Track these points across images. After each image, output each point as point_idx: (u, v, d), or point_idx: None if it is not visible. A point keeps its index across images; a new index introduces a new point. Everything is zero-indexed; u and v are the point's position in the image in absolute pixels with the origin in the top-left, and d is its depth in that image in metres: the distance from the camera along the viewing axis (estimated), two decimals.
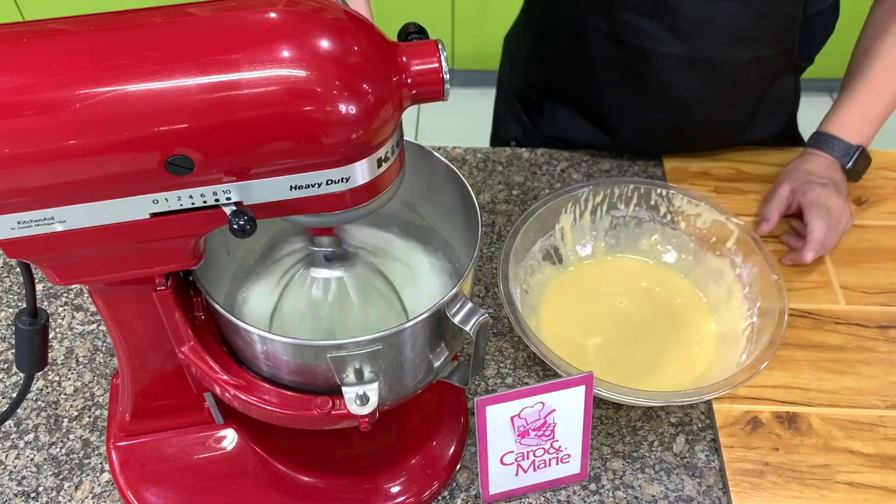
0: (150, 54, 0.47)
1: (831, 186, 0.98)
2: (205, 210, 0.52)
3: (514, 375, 0.89)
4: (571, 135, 1.16)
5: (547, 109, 1.19)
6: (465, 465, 0.81)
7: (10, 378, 0.88)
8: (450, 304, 0.61)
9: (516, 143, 1.25)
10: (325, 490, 0.78)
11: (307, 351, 0.60)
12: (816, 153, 1.03)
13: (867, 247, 1.02)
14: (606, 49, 1.03)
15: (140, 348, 0.68)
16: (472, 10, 2.46)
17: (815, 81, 1.63)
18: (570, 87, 1.14)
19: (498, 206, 1.07)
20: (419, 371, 0.66)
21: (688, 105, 1.05)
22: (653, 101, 1.06)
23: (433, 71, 0.52)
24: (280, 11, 0.48)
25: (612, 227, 0.99)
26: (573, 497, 0.79)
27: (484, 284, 0.98)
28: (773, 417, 0.85)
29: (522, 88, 1.24)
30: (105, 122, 0.46)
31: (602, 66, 1.05)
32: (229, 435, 0.78)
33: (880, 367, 0.90)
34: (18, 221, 0.50)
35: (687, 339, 0.91)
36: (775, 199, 1.02)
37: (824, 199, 0.97)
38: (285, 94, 0.47)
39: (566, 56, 1.10)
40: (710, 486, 0.80)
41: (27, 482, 0.79)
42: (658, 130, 1.09)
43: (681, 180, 1.10)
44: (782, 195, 1.01)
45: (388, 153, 0.53)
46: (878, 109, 1.01)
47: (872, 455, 0.82)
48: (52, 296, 0.96)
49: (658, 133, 1.10)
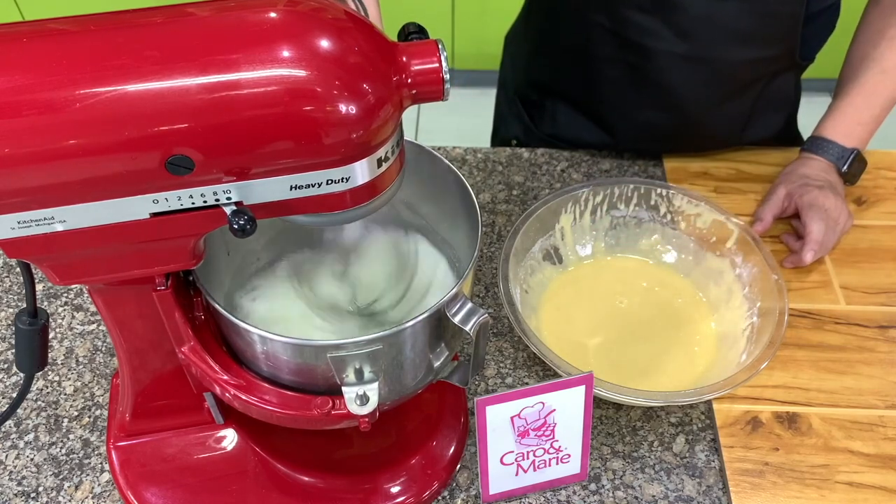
0: (150, 54, 0.47)
1: (828, 188, 0.99)
2: (205, 210, 0.52)
3: (514, 375, 0.89)
4: (572, 134, 1.16)
5: (548, 108, 1.19)
6: (465, 465, 0.81)
7: (10, 378, 0.88)
8: (450, 304, 0.61)
9: (517, 143, 1.25)
10: (325, 490, 0.78)
11: (307, 351, 0.60)
12: (812, 157, 1.04)
13: (867, 247, 1.02)
14: (608, 46, 1.03)
15: (140, 348, 0.68)
16: (472, 10, 2.46)
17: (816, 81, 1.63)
18: (571, 85, 1.14)
19: (498, 206, 1.07)
20: (419, 371, 0.66)
21: (688, 103, 1.05)
22: (654, 100, 1.06)
23: (433, 71, 0.52)
24: (280, 11, 0.48)
25: (612, 227, 0.99)
26: (573, 497, 0.79)
27: (484, 284, 0.98)
28: (773, 417, 0.85)
29: (523, 87, 1.24)
30: (105, 122, 0.46)
31: (603, 63, 1.05)
32: (229, 435, 0.78)
33: (880, 367, 0.90)
34: (18, 221, 0.50)
35: (687, 339, 0.91)
36: (771, 200, 1.02)
37: (821, 200, 0.97)
38: (285, 94, 0.47)
39: (567, 54, 1.10)
40: (710, 486, 0.80)
41: (27, 482, 0.79)
42: (658, 129, 1.09)
43: (681, 180, 1.10)
44: (778, 197, 1.01)
45: (388, 153, 0.53)
46: (872, 113, 1.01)
47: (872, 455, 0.82)
48: (52, 296, 0.96)
49: (659, 132, 1.10)
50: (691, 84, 1.03)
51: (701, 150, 1.14)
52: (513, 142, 1.26)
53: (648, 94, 1.05)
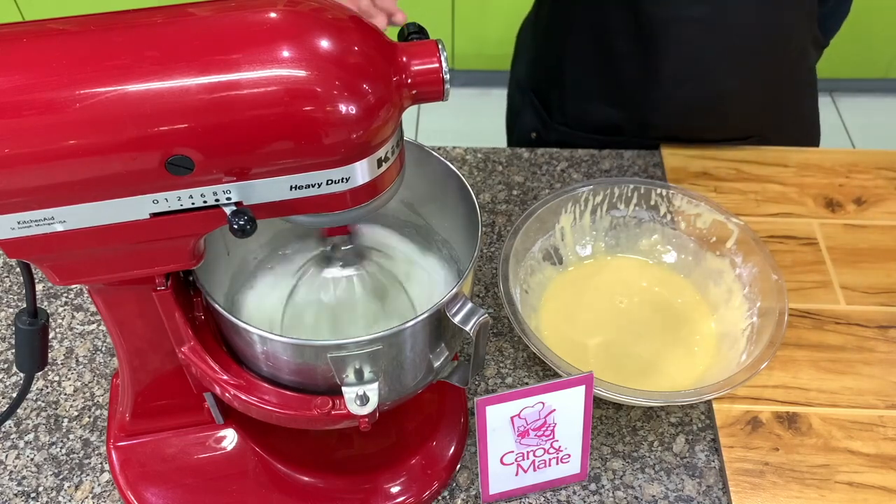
0: (150, 54, 0.47)
1: None
2: (205, 210, 0.52)
3: (514, 375, 0.89)
4: (588, 118, 1.15)
5: (563, 95, 1.17)
6: (465, 465, 0.81)
7: (10, 378, 0.88)
8: (450, 304, 0.61)
9: (537, 135, 1.24)
10: (325, 490, 0.78)
11: (307, 351, 0.60)
12: None
13: (867, 247, 1.02)
14: (622, 19, 1.02)
15: (140, 348, 0.68)
16: (472, 10, 2.46)
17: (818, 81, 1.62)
18: (586, 64, 1.12)
19: (498, 206, 1.07)
20: (419, 371, 0.66)
21: (708, 75, 1.03)
22: (672, 73, 1.04)
23: (433, 71, 0.52)
24: (280, 11, 0.48)
25: (612, 227, 0.99)
26: (573, 497, 0.79)
27: (484, 284, 0.98)
28: (773, 417, 0.85)
29: (537, 78, 1.23)
30: (105, 122, 0.46)
31: (618, 36, 1.04)
32: (229, 435, 0.78)
33: (880, 367, 0.90)
34: (18, 221, 0.50)
35: (687, 339, 0.91)
36: None
37: None
38: (285, 94, 0.47)
39: (581, 34, 1.08)
40: (710, 486, 0.80)
41: (27, 482, 0.79)
42: (676, 107, 1.08)
43: (681, 180, 1.10)
44: None
45: (388, 153, 0.53)
46: None
47: (872, 455, 0.82)
48: (52, 296, 0.96)
49: (677, 110, 1.09)
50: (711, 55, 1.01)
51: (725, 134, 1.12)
52: (532, 134, 1.25)
53: (667, 67, 1.04)
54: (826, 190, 1.09)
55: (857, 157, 1.14)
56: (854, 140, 2.52)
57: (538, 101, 1.23)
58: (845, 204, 1.07)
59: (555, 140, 1.20)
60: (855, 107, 2.62)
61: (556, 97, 1.19)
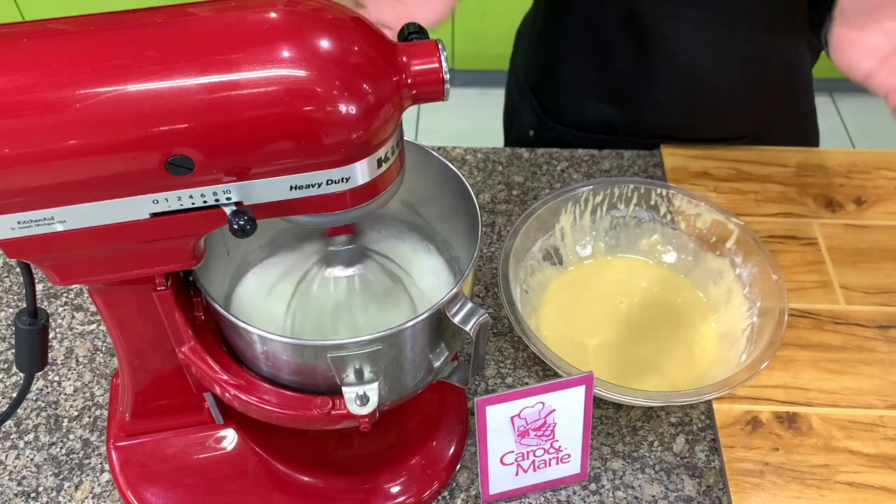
0: (150, 54, 0.47)
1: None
2: (205, 210, 0.52)
3: (514, 375, 0.89)
4: (583, 116, 1.15)
5: (559, 93, 1.18)
6: (465, 465, 0.81)
7: (10, 378, 0.88)
8: (450, 304, 0.61)
9: (535, 133, 1.25)
10: (325, 490, 0.78)
11: (307, 351, 0.60)
12: None
13: (867, 247, 1.02)
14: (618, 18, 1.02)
15: (140, 348, 0.68)
16: (472, 10, 2.46)
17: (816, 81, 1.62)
18: (581, 62, 1.12)
19: (498, 206, 1.07)
20: (419, 371, 0.66)
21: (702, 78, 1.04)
22: (666, 72, 1.05)
23: (433, 71, 0.52)
24: (280, 11, 0.48)
25: (612, 227, 0.99)
26: (573, 497, 0.79)
27: (484, 284, 0.98)
28: (773, 417, 0.85)
29: (534, 76, 1.23)
30: (105, 122, 0.46)
31: (613, 35, 1.04)
32: (229, 435, 0.78)
33: (880, 367, 0.90)
34: (18, 221, 0.50)
35: (687, 339, 0.91)
36: None
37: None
38: (285, 94, 0.47)
39: (577, 33, 1.09)
40: (710, 486, 0.80)
41: (27, 482, 0.79)
42: (670, 105, 1.08)
43: (681, 180, 1.10)
44: None
45: (388, 153, 0.53)
46: None
47: (872, 455, 0.82)
48: (52, 296, 0.96)
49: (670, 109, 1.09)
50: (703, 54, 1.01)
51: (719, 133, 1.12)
52: (531, 132, 1.26)
53: (660, 66, 1.04)
54: (826, 190, 1.09)
55: (857, 157, 1.14)
56: (854, 140, 2.52)
57: (535, 99, 1.23)
58: (845, 204, 1.07)
59: (551, 138, 1.20)
60: (855, 107, 2.61)
61: (552, 95, 1.20)
